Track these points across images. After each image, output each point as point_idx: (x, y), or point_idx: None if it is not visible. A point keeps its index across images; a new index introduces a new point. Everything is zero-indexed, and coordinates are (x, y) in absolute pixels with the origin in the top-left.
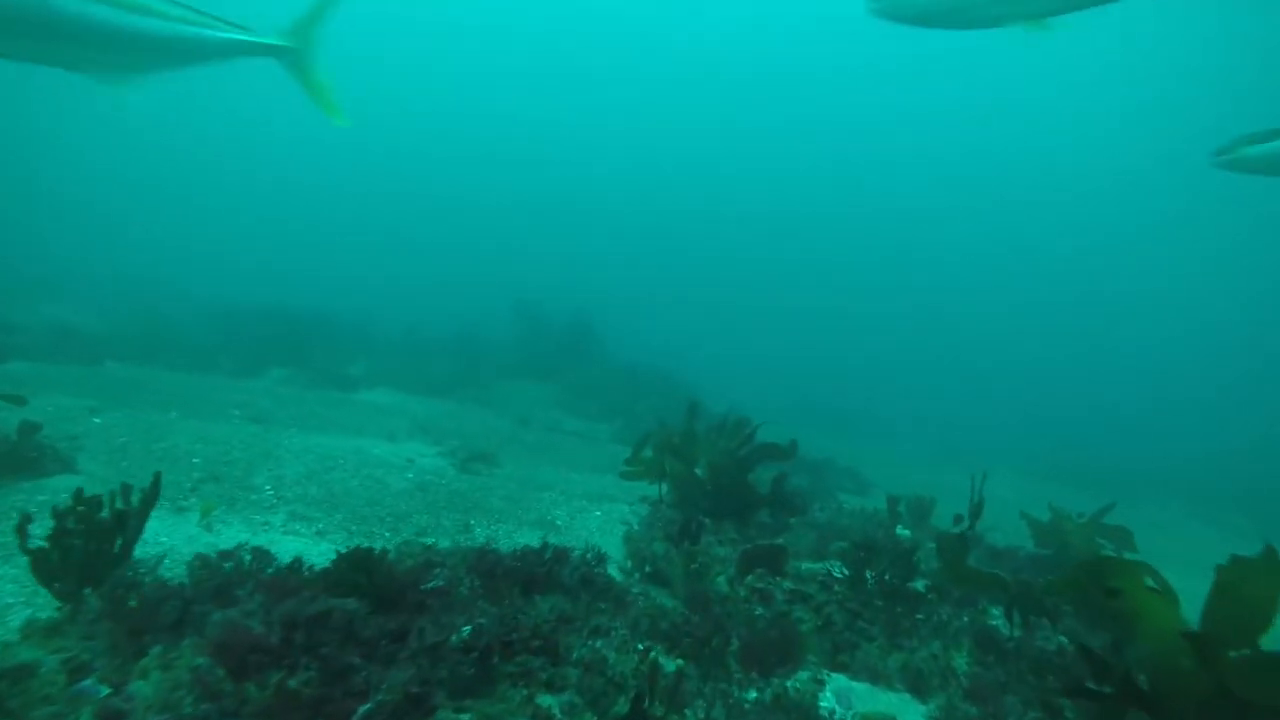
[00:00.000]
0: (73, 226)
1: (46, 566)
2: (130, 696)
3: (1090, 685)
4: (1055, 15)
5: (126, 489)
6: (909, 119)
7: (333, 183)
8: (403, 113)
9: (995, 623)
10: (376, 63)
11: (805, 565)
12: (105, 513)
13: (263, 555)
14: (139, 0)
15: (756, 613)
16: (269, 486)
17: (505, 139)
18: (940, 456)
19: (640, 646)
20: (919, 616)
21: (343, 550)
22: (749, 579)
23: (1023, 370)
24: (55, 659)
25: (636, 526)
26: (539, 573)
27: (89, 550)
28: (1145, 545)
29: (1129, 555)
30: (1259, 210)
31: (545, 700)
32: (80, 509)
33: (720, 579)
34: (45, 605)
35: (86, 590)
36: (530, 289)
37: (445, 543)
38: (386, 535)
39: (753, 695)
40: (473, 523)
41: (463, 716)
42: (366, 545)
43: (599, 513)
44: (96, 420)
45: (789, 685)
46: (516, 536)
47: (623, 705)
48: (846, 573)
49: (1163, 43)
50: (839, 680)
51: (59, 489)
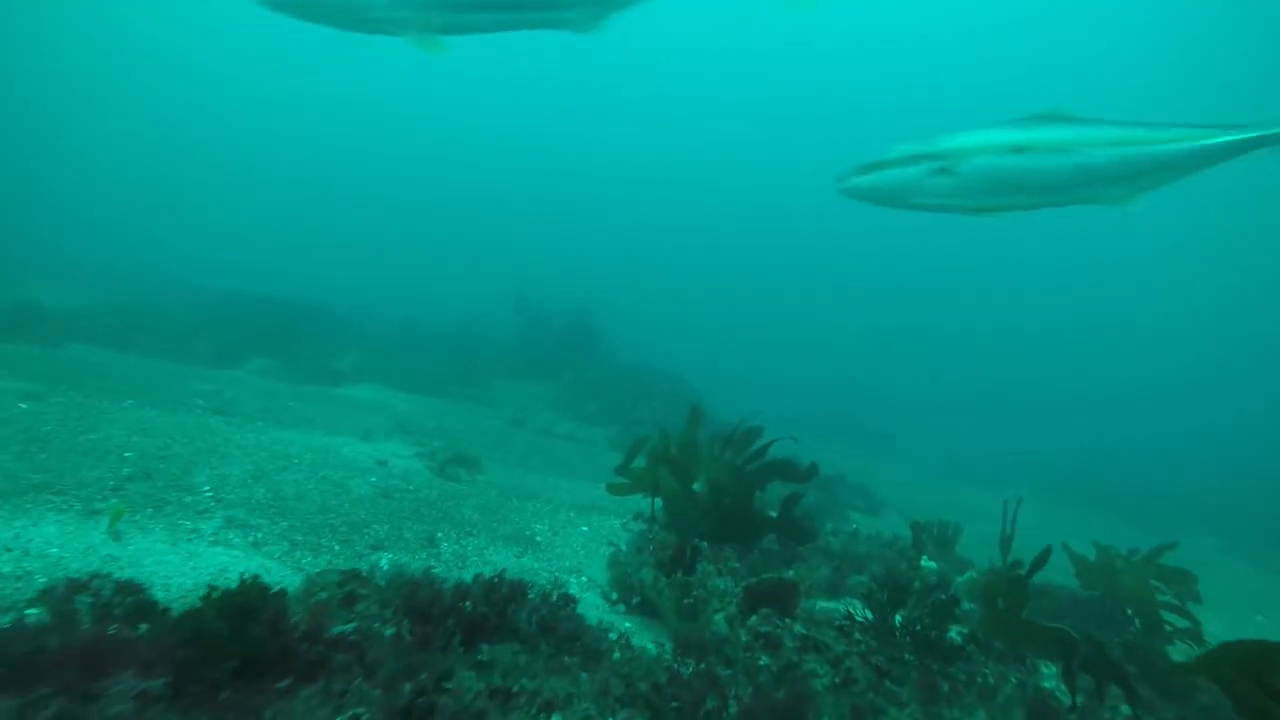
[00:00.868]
0: (73, 219)
1: None
2: None
3: None
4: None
5: None
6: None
7: (336, 177)
8: (410, 109)
9: (1049, 684)
10: (386, 62)
11: (820, 604)
12: None
13: (128, 589)
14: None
15: (761, 663)
16: (208, 487)
17: (517, 137)
18: (952, 473)
19: None
20: (958, 675)
21: (278, 564)
22: (753, 620)
23: (1038, 388)
24: None
25: (624, 548)
26: (487, 615)
27: None
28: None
29: (1192, 605)
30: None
31: None
32: None
33: (719, 617)
34: None
35: None
36: (534, 285)
37: (406, 559)
38: (335, 548)
39: None
40: (439, 536)
41: None
42: (310, 559)
43: (586, 527)
44: (24, 406)
45: None
46: (488, 554)
47: None
48: (870, 616)
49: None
50: None
51: None
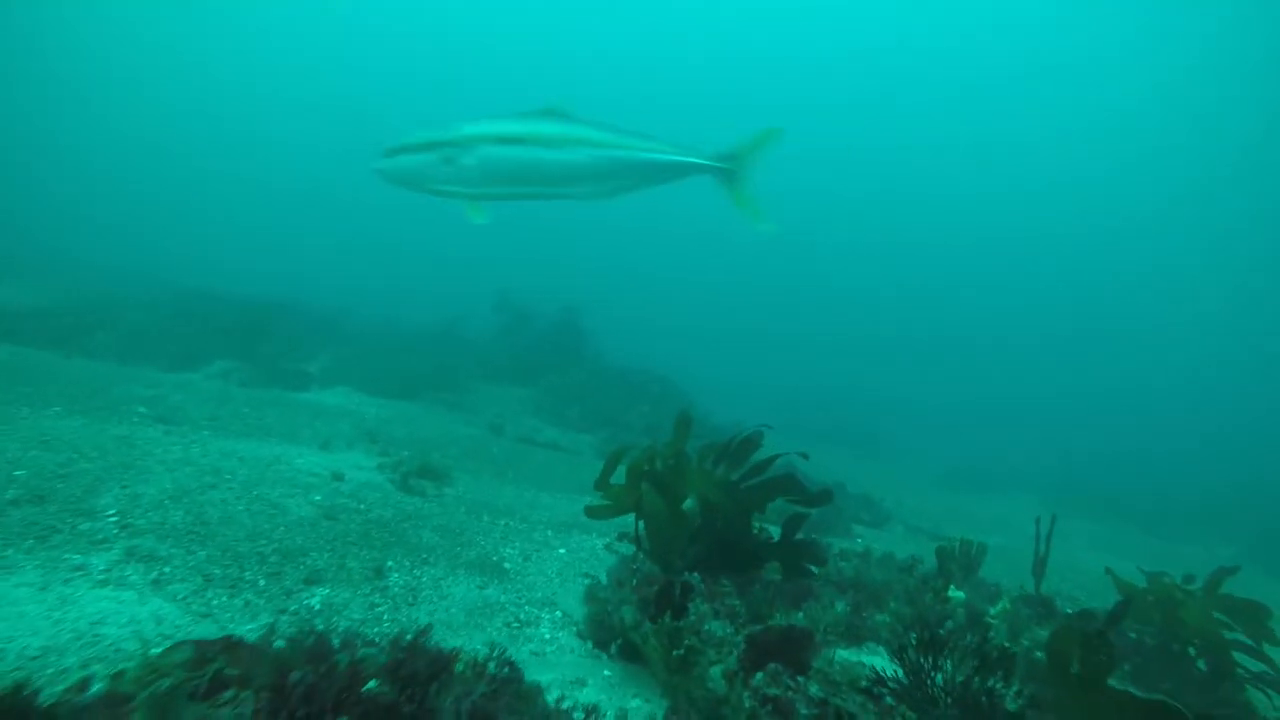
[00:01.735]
0: (52, 212)
1: None
2: None
3: None
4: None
5: None
6: (940, 143)
7: (320, 176)
8: (396, 105)
9: None
10: (372, 63)
11: (839, 653)
12: None
13: None
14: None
15: None
16: (113, 511)
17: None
18: (953, 479)
19: None
20: None
21: (179, 608)
22: (758, 679)
23: (1038, 391)
24: None
25: (604, 578)
26: (396, 704)
27: None
28: None
29: (1269, 648)
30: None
31: None
32: None
33: (715, 671)
34: None
35: None
36: (519, 284)
37: (346, 596)
38: (260, 584)
39: None
40: (389, 565)
41: None
42: (224, 600)
43: (563, 550)
44: None
45: None
46: (446, 585)
47: None
48: (901, 675)
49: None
50: None
51: None
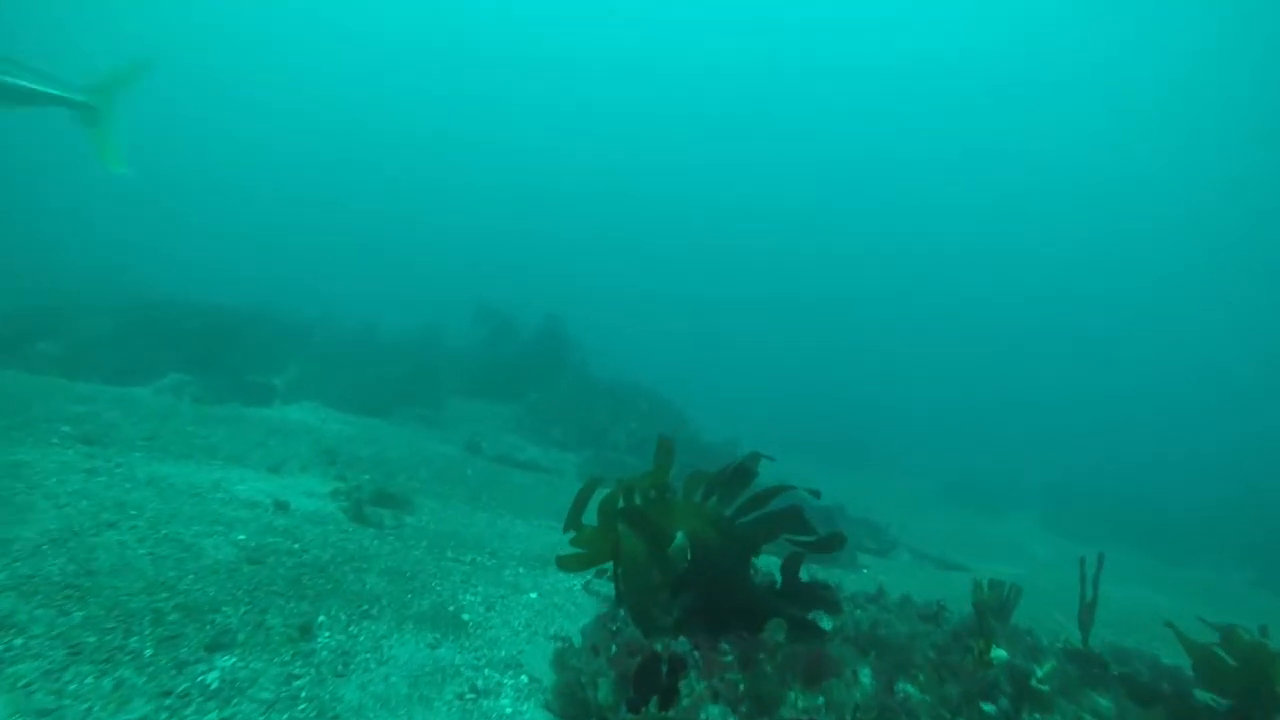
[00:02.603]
0: (18, 216)
1: None
2: None
3: None
4: None
5: None
6: (943, 153)
7: (296, 182)
8: (375, 114)
9: None
10: (357, 69)
11: None
12: None
13: None
14: None
15: None
16: None
17: (489, 144)
18: (951, 496)
19: None
20: None
21: (18, 698)
22: None
23: (1033, 405)
24: None
25: (578, 636)
26: None
27: None
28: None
29: None
30: None
31: None
32: None
33: None
34: None
35: None
36: (502, 294)
37: (258, 667)
38: (146, 654)
39: None
40: (321, 620)
41: None
42: (92, 680)
43: (535, 594)
44: None
45: None
46: (390, 646)
47: None
48: None
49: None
50: None
51: None
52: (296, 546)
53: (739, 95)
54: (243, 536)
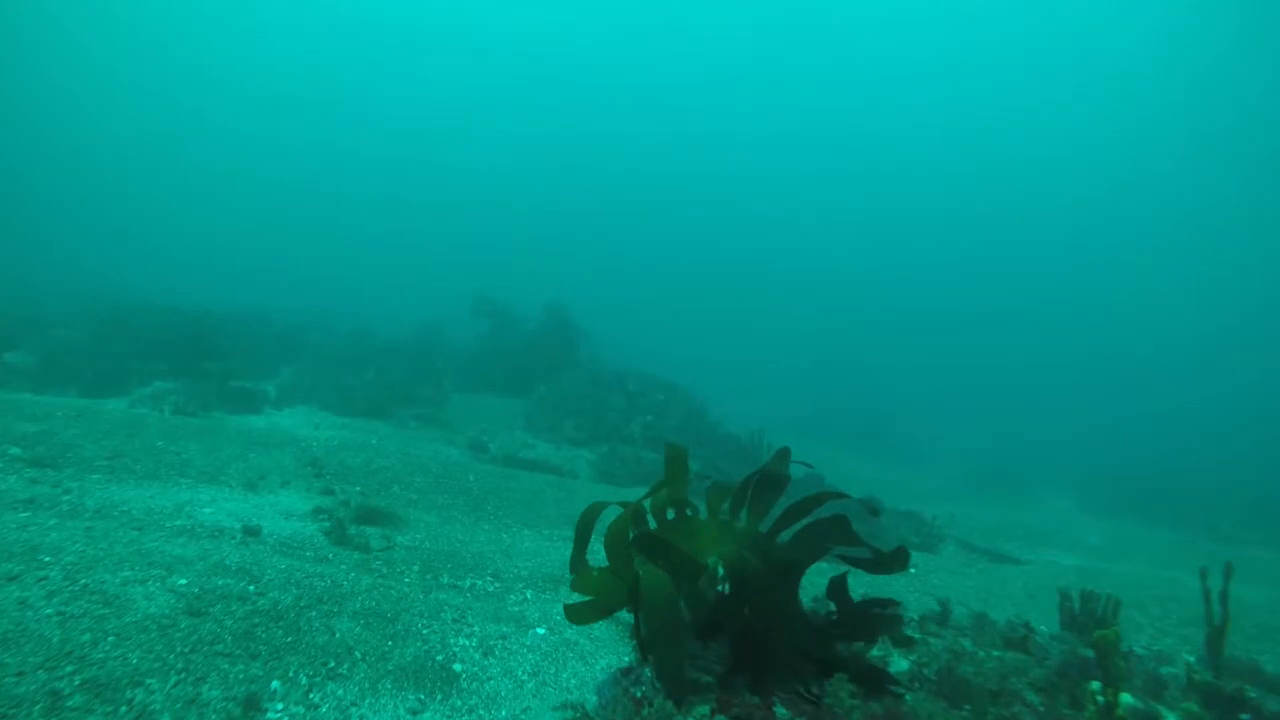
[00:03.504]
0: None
1: None
2: None
3: None
4: None
5: None
6: (940, 123)
7: (291, 180)
8: (374, 110)
9: None
10: (348, 63)
11: None
12: None
13: None
14: None
15: None
16: None
17: (491, 133)
18: (978, 480)
19: None
20: None
21: None
22: None
23: (1051, 380)
24: None
25: (593, 700)
26: None
27: None
28: None
29: None
30: None
31: None
32: None
33: None
34: None
35: None
36: (505, 284)
37: None
38: None
39: None
40: (275, 688)
41: None
42: None
43: (543, 629)
44: None
45: None
46: (360, 714)
47: None
48: None
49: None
50: None
51: None
52: (253, 589)
53: (753, 67)
54: (184, 581)
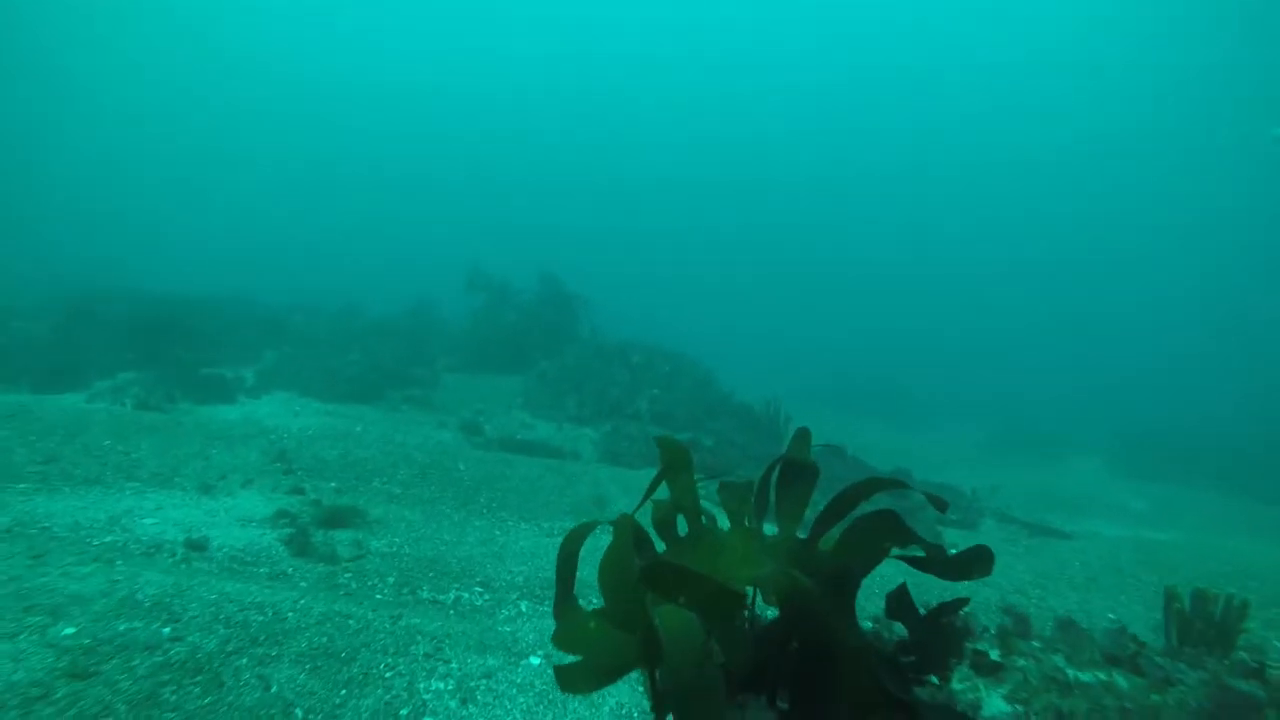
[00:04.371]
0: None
1: None
2: None
3: None
4: None
5: None
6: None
7: (288, 160)
8: (370, 85)
9: None
10: (343, 39)
11: None
12: None
13: None
14: None
15: None
16: None
17: (481, 97)
18: (1002, 443)
19: None
20: None
21: None
22: None
23: (1085, 337)
24: None
25: None
26: None
27: None
28: None
29: None
30: None
31: None
32: None
33: None
34: None
35: None
36: (498, 255)
37: None
38: None
39: None
40: None
41: None
42: None
43: (538, 657)
44: None
45: None
46: None
47: None
48: None
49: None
50: None
51: None
52: (167, 632)
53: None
54: (72, 630)
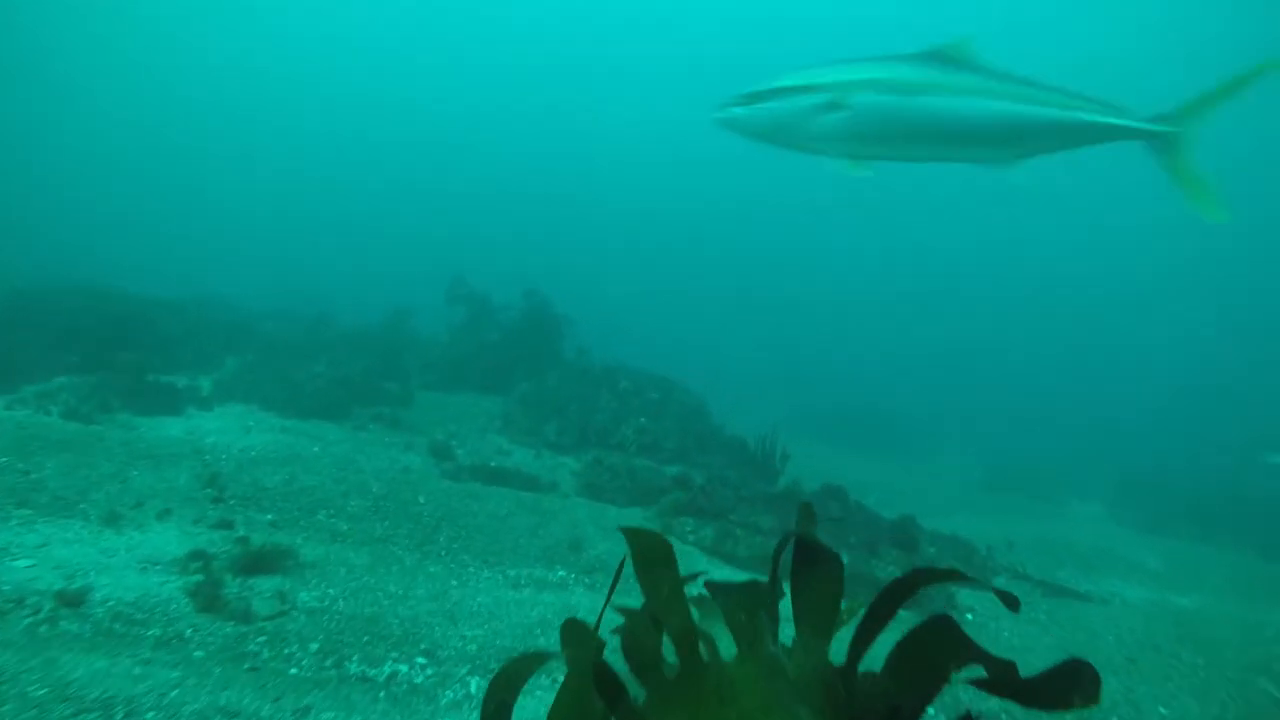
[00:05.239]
0: None
1: None
2: None
3: None
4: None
5: None
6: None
7: (287, 167)
8: (370, 88)
9: None
10: (342, 46)
11: None
12: None
13: None
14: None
15: None
16: None
17: (466, 110)
18: (999, 484)
19: None
20: None
21: None
22: None
23: (1080, 376)
24: None
25: None
26: None
27: None
28: None
29: None
30: None
31: None
32: None
33: None
34: None
35: None
36: (481, 268)
37: None
38: None
39: None
40: None
41: None
42: None
43: None
44: None
45: None
46: None
47: None
48: None
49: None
50: None
51: None
52: None
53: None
54: None
